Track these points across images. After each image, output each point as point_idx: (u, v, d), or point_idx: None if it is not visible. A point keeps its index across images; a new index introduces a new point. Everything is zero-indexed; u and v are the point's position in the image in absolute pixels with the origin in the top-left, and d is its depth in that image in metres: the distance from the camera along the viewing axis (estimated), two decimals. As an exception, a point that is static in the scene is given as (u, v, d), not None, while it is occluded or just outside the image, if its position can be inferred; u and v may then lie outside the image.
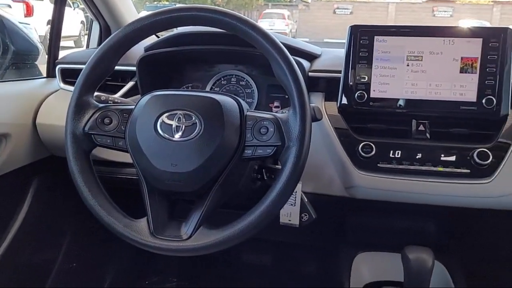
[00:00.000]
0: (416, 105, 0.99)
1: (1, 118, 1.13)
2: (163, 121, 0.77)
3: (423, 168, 0.97)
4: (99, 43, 1.50)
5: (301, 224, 1.00)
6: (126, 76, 1.24)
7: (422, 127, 1.00)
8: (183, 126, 0.76)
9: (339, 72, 1.03)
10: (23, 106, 1.22)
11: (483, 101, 0.95)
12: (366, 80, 1.00)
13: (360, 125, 1.03)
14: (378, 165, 0.98)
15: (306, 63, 1.10)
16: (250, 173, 0.93)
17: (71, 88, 1.09)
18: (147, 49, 1.17)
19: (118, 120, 0.82)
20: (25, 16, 5.99)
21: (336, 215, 1.31)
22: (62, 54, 1.40)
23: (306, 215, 1.01)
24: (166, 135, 0.77)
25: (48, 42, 1.42)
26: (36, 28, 2.02)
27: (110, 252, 1.56)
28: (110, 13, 1.42)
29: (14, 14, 2.31)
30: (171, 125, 0.77)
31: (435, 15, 17.74)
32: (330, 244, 1.43)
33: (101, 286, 1.53)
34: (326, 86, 1.07)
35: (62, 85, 1.29)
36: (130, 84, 1.23)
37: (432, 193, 0.98)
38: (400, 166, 0.98)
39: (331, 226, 1.39)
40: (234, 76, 1.19)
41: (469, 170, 0.95)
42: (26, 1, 6.22)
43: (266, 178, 0.96)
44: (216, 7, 0.80)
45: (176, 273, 1.64)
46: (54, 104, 1.26)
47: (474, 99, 0.96)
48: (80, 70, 0.84)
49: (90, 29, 1.58)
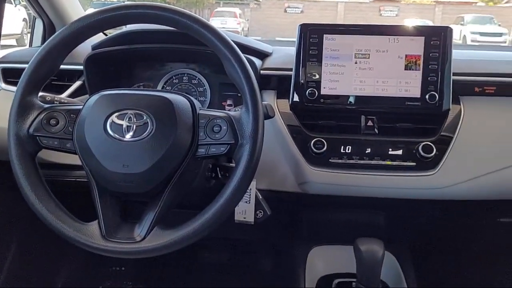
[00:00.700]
0: (364, 101, 1.02)
1: None
2: (113, 121, 0.76)
3: (372, 162, 1.00)
4: (43, 42, 1.44)
5: (256, 221, 1.01)
6: (72, 75, 1.20)
7: (370, 123, 1.03)
8: (134, 126, 0.75)
9: (290, 70, 1.04)
10: None
11: (427, 96, 1.00)
12: (316, 77, 1.02)
13: (311, 121, 1.05)
14: (330, 160, 1.01)
15: (257, 61, 1.10)
16: (204, 172, 0.92)
17: (14, 88, 1.04)
18: (95, 47, 1.14)
19: (65, 121, 0.80)
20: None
21: (290, 211, 1.33)
22: (3, 53, 1.34)
23: (261, 212, 1.02)
24: (116, 136, 0.75)
25: (-13, 40, 1.35)
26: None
27: (61, 257, 1.50)
28: (54, 10, 1.36)
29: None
30: (122, 125, 0.75)
31: (382, 15, 18.33)
32: (285, 239, 1.45)
33: None
34: (278, 84, 1.09)
35: (4, 85, 1.23)
36: (77, 83, 1.19)
37: (381, 186, 1.02)
38: (350, 161, 1.00)
39: (286, 222, 1.41)
40: (186, 74, 1.18)
41: (414, 163, 1.00)
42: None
43: (220, 177, 0.96)
44: (165, 5, 0.79)
45: (131, 275, 1.60)
46: None
47: (418, 95, 1.00)
48: (22, 69, 0.81)
49: (33, 26, 1.51)
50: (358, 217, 1.33)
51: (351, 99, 1.02)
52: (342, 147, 1.01)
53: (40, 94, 0.83)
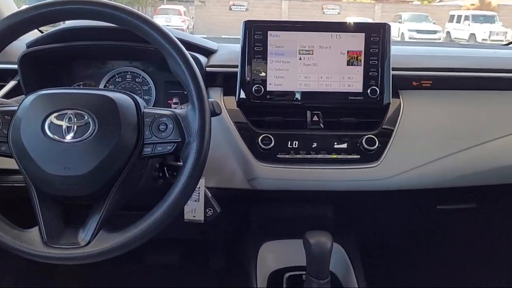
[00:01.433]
0: (309, 97, 1.04)
1: None
2: (52, 122, 0.72)
3: (319, 156, 1.02)
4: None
5: (206, 219, 1.00)
6: (6, 75, 1.13)
7: (316, 118, 1.05)
8: (75, 127, 0.72)
9: (236, 66, 1.04)
10: None
11: (368, 91, 1.03)
12: (262, 74, 1.03)
13: (258, 118, 1.05)
14: (278, 156, 1.02)
15: (203, 58, 1.09)
16: (151, 171, 0.90)
17: None
18: (30, 45, 1.08)
19: None
20: None
21: (240, 208, 1.33)
22: None
23: (210, 210, 1.01)
24: (56, 137, 0.71)
25: None
26: None
27: (1, 267, 1.42)
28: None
29: None
30: (61, 126, 0.72)
31: (325, 13, 18.79)
32: (236, 237, 1.45)
33: None
34: (224, 81, 1.08)
35: None
36: (12, 83, 1.12)
37: (327, 179, 1.04)
38: (297, 156, 1.02)
39: (236, 219, 1.41)
40: (129, 73, 1.15)
41: (359, 156, 1.03)
42: None
43: (168, 176, 0.94)
44: (106, 1, 0.75)
45: (77, 281, 1.54)
46: None
47: (361, 90, 1.03)
48: None
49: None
50: (307, 210, 1.36)
51: (297, 95, 1.04)
52: (289, 143, 1.02)
53: None
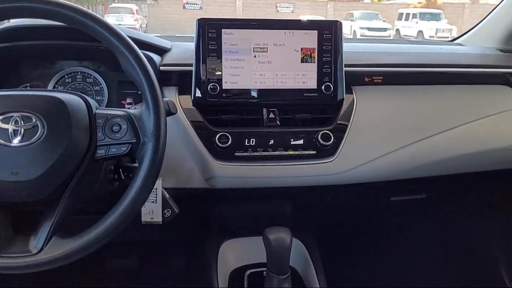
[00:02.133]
0: (265, 94, 1.04)
1: None
2: None
3: (276, 153, 1.03)
4: None
5: (164, 220, 0.99)
6: None
7: (272, 115, 1.06)
8: (22, 130, 0.69)
9: (191, 65, 1.03)
10: None
11: (323, 87, 1.05)
12: (217, 72, 1.02)
13: (215, 116, 1.05)
14: (235, 154, 1.02)
15: (156, 57, 1.07)
16: (105, 174, 0.88)
17: None
18: (-29, 45, 1.02)
19: None
20: None
21: (199, 207, 1.32)
22: None
23: (169, 211, 1.00)
24: (1, 141, 0.68)
25: None
26: None
27: None
28: None
29: None
30: (7, 129, 0.69)
31: (279, 11, 18.95)
32: (196, 236, 1.44)
33: None
34: (179, 80, 1.07)
35: None
36: (-48, 86, 1.06)
37: (285, 175, 1.05)
38: (255, 153, 1.02)
39: (196, 218, 1.40)
40: (79, 73, 1.11)
41: (315, 151, 1.04)
42: None
43: (123, 178, 0.92)
44: None
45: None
46: None
47: (315, 86, 1.05)
48: None
49: None
50: (266, 207, 1.36)
51: (253, 93, 1.04)
52: (247, 140, 1.02)
53: None
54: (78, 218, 0.77)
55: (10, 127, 0.69)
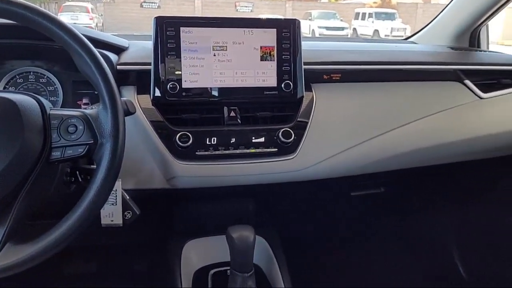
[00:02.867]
0: (225, 93, 1.04)
1: None
2: None
3: (237, 151, 1.03)
4: None
5: (125, 222, 0.97)
6: None
7: (233, 113, 1.06)
8: None
9: (149, 64, 1.01)
10: None
11: (282, 85, 1.06)
12: (176, 71, 1.01)
13: (175, 116, 1.04)
14: (196, 153, 1.01)
15: (113, 56, 1.05)
16: (62, 177, 0.85)
17: None
18: None
19: None
20: None
21: (161, 208, 1.30)
22: None
23: (129, 213, 0.98)
24: None
25: None
26: None
27: None
28: None
29: None
30: None
31: (238, 10, 18.94)
32: (158, 238, 1.42)
33: None
34: (137, 79, 1.05)
35: None
36: None
37: (247, 173, 1.05)
38: (216, 152, 1.02)
39: (158, 219, 1.38)
40: (32, 73, 1.07)
41: (276, 149, 1.05)
42: None
43: (81, 180, 0.89)
44: None
45: None
46: None
47: (275, 84, 1.06)
48: None
49: None
50: (229, 206, 1.36)
51: (213, 91, 1.03)
52: (208, 139, 1.02)
53: None
54: (34, 224, 0.74)
55: (-43, 130, 0.65)
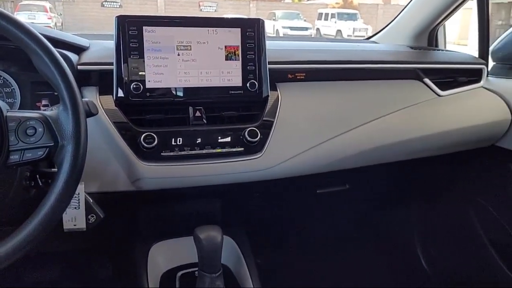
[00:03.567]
0: (190, 92, 1.03)
1: None
2: None
3: (203, 151, 1.02)
4: None
5: (88, 226, 0.95)
6: None
7: (198, 113, 1.05)
8: None
9: (111, 64, 0.99)
10: None
11: (248, 85, 1.06)
12: (140, 71, 0.99)
13: (139, 116, 1.02)
14: (162, 154, 0.99)
15: (73, 56, 1.02)
16: (20, 181, 0.82)
17: None
18: None
19: None
20: None
21: (126, 211, 1.28)
22: None
23: (93, 216, 0.95)
24: None
25: None
26: None
27: None
28: None
29: None
30: None
31: (202, 10, 18.84)
32: (124, 241, 1.39)
33: None
34: (99, 79, 1.02)
35: None
36: None
37: (213, 173, 1.05)
38: (182, 153, 1.01)
39: (123, 222, 1.35)
40: None
41: (243, 148, 1.05)
42: None
43: (41, 184, 0.86)
44: None
45: None
46: None
47: (240, 84, 1.06)
48: None
49: None
50: (196, 207, 1.35)
51: (177, 91, 1.02)
52: (173, 140, 1.01)
53: None
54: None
55: None
